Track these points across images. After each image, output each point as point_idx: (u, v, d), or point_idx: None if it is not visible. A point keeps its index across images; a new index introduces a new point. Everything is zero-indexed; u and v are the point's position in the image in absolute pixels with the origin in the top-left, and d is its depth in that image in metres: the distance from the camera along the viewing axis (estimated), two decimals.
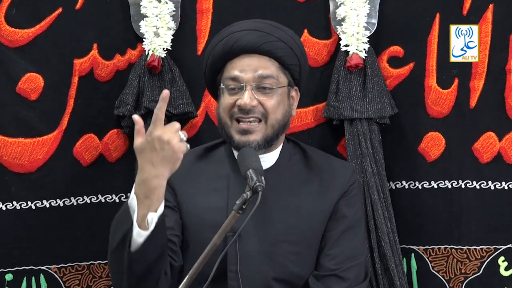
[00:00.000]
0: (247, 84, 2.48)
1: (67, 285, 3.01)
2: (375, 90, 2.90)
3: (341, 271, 2.49)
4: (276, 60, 2.51)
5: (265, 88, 2.49)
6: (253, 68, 2.49)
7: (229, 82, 2.51)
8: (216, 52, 2.53)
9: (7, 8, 2.93)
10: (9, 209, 2.95)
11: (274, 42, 2.50)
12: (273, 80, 2.50)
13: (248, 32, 2.51)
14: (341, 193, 2.55)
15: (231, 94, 2.50)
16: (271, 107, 2.49)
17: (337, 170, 2.60)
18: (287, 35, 2.55)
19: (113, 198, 3.00)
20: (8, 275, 2.97)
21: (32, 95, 2.95)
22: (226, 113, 2.51)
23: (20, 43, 2.94)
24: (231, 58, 2.51)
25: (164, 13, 2.94)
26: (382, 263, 2.87)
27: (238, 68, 2.49)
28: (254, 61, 2.49)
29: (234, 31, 2.52)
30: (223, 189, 2.52)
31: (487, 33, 2.90)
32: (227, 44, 2.50)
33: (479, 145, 2.93)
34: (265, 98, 2.49)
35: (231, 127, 2.51)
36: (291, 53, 2.53)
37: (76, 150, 2.97)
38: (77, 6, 2.96)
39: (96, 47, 2.96)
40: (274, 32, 2.52)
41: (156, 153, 2.21)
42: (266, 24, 2.55)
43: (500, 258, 2.93)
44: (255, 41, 2.49)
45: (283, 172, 2.56)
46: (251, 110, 2.47)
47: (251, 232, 2.46)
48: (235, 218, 2.24)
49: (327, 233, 2.53)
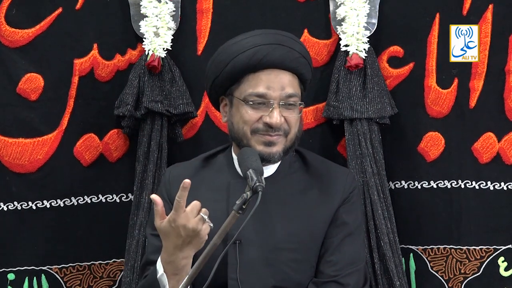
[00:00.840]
0: (275, 101, 2.49)
1: (68, 285, 3.01)
2: (375, 90, 2.90)
3: (341, 277, 2.50)
4: (298, 76, 2.54)
5: (290, 104, 2.51)
6: (281, 86, 2.50)
7: (254, 98, 2.50)
8: (239, 63, 2.50)
9: (7, 8, 2.93)
10: (10, 209, 2.96)
11: (299, 59, 2.53)
12: (296, 98, 2.53)
13: (277, 46, 2.50)
14: (341, 200, 2.56)
15: (255, 109, 2.50)
16: (294, 123, 2.53)
17: (337, 177, 2.61)
18: (305, 50, 2.59)
19: (114, 198, 3.00)
20: (10, 274, 2.98)
21: (32, 95, 2.95)
22: (248, 126, 2.50)
23: (20, 43, 2.94)
24: (255, 72, 2.50)
25: (164, 13, 2.93)
26: (381, 263, 2.88)
27: (265, 85, 2.49)
28: (281, 78, 2.50)
29: (258, 43, 2.50)
30: (223, 198, 2.53)
31: (487, 33, 2.89)
32: (255, 56, 2.48)
33: (479, 146, 2.93)
34: (289, 113, 2.51)
35: (252, 139, 2.51)
36: (309, 68, 2.58)
37: (77, 150, 2.98)
38: (77, 6, 2.96)
39: (96, 47, 2.96)
40: (296, 47, 2.54)
41: (183, 239, 2.28)
42: (289, 39, 2.55)
43: (499, 258, 2.92)
44: (285, 56, 2.50)
45: (284, 180, 2.57)
46: (279, 127, 2.50)
47: (251, 239, 2.47)
48: (235, 218, 2.24)
49: (327, 240, 2.54)
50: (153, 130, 2.93)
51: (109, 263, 3.02)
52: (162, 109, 2.91)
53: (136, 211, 2.91)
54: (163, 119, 2.93)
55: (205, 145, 2.94)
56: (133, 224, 2.91)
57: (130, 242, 2.90)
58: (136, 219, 2.90)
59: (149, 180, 2.90)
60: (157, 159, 2.92)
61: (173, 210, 2.26)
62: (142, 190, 2.91)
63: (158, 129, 2.92)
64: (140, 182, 2.92)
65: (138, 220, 2.89)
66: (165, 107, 2.92)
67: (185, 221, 2.25)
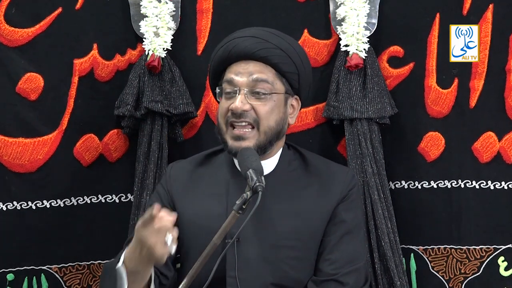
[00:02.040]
0: (241, 88, 2.50)
1: (68, 284, 3.01)
2: (375, 90, 2.90)
3: (340, 275, 2.49)
4: (272, 66, 2.52)
5: (259, 93, 2.50)
6: (248, 72, 2.51)
7: (225, 85, 2.53)
8: (217, 57, 2.57)
9: (6, 7, 2.93)
10: (9, 209, 2.96)
11: (271, 49, 2.52)
12: (268, 85, 2.51)
13: (246, 38, 2.53)
14: (340, 198, 2.55)
15: (227, 99, 2.53)
16: (264, 113, 2.50)
17: (336, 175, 2.61)
18: (285, 43, 2.56)
19: (113, 198, 3.00)
20: (10, 275, 2.97)
21: (32, 95, 2.95)
22: (222, 118, 2.53)
23: (19, 43, 2.94)
24: (230, 64, 2.53)
25: (164, 13, 2.94)
26: (382, 263, 2.88)
27: (234, 72, 2.52)
28: (250, 66, 2.51)
29: (234, 37, 2.56)
30: (222, 195, 2.53)
31: (487, 33, 2.90)
32: (226, 49, 2.54)
33: (479, 145, 2.93)
34: (259, 103, 2.50)
35: (226, 133, 2.52)
36: (288, 60, 2.54)
37: (76, 150, 2.98)
38: (77, 6, 2.96)
39: (96, 47, 2.96)
40: (271, 39, 2.54)
41: (140, 250, 2.25)
42: (265, 32, 2.57)
43: (499, 258, 2.93)
44: (252, 47, 2.51)
45: (282, 178, 2.57)
46: (243, 114, 2.49)
47: (250, 237, 2.47)
48: (235, 218, 2.25)
49: (325, 238, 2.54)
50: (153, 130, 2.93)
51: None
52: (162, 109, 2.91)
53: (137, 211, 2.91)
54: (163, 119, 2.93)
55: (205, 145, 2.93)
56: (133, 224, 2.89)
57: None
58: (137, 219, 2.88)
59: (150, 180, 2.90)
60: (158, 159, 2.92)
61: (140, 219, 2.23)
62: (142, 190, 2.91)
63: (158, 129, 2.93)
64: (140, 182, 2.92)
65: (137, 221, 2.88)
66: (165, 107, 2.92)
67: (147, 233, 2.20)
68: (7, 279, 2.97)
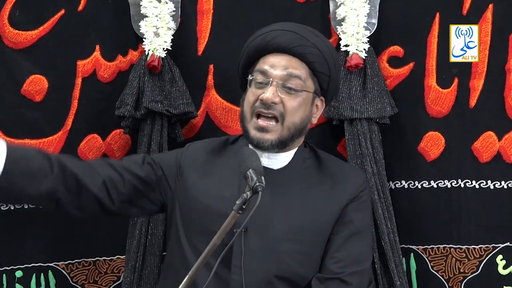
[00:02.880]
0: (274, 80, 2.52)
1: (74, 280, 3.07)
2: (375, 90, 2.90)
3: (345, 275, 2.52)
4: (307, 64, 2.55)
5: (290, 88, 2.53)
6: (283, 66, 2.53)
7: (257, 75, 2.55)
8: (253, 46, 2.58)
9: (10, 10, 2.96)
10: (17, 208, 3.01)
11: (308, 47, 2.55)
12: (300, 82, 2.54)
13: (286, 32, 2.56)
14: (350, 198, 2.58)
15: (257, 88, 2.55)
16: (291, 108, 2.53)
17: (349, 175, 2.64)
18: (323, 44, 2.59)
19: None
20: (18, 272, 3.03)
21: (36, 96, 2.99)
22: (249, 107, 2.55)
23: (24, 45, 2.97)
24: (265, 54, 2.55)
25: (164, 13, 2.95)
26: (382, 263, 2.89)
27: (269, 64, 2.54)
28: (286, 60, 2.54)
29: (273, 29, 2.58)
30: (235, 180, 2.54)
31: (487, 33, 2.88)
32: (263, 40, 2.55)
33: (479, 145, 2.92)
34: (288, 98, 2.53)
35: (250, 122, 2.54)
36: (322, 61, 2.57)
37: (80, 150, 3.01)
38: (79, 8, 2.98)
39: (99, 49, 2.99)
40: (310, 38, 2.57)
41: None
42: (305, 29, 2.60)
43: (498, 256, 2.93)
44: (290, 41, 2.54)
45: (295, 174, 2.60)
46: (272, 106, 2.51)
47: (257, 228, 2.49)
48: (235, 218, 2.25)
49: (333, 236, 2.56)
50: (153, 130, 2.95)
51: (113, 259, 3.06)
52: (162, 109, 2.93)
53: None
54: (163, 119, 2.96)
55: None
56: (133, 224, 2.94)
57: (131, 242, 2.93)
58: (137, 219, 2.93)
59: None
60: None
61: None
62: None
63: (158, 129, 2.95)
64: None
65: (138, 220, 2.92)
66: (165, 107, 2.94)
67: None
68: (16, 276, 3.03)
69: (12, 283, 3.03)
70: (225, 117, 3.00)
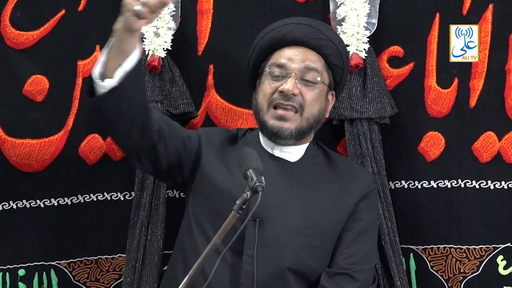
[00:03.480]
0: (293, 72, 2.55)
1: (76, 279, 3.09)
2: (375, 90, 2.90)
3: (353, 271, 2.55)
4: (323, 57, 2.59)
5: (308, 80, 2.56)
6: (301, 59, 2.57)
7: (274, 68, 2.57)
8: (267, 39, 2.61)
9: (11, 11, 2.97)
10: (19, 207, 3.03)
11: (324, 40, 2.59)
12: (317, 74, 2.57)
13: (301, 25, 2.60)
14: (361, 196, 2.61)
15: (275, 81, 2.57)
16: (310, 100, 2.56)
17: (359, 174, 2.68)
18: (337, 38, 2.65)
19: (118, 196, 3.05)
20: (21, 270, 3.06)
21: (38, 96, 3.00)
22: (266, 99, 2.57)
23: (25, 45, 2.99)
24: (280, 47, 2.58)
25: (164, 13, 2.94)
26: (382, 263, 2.89)
27: (286, 57, 2.57)
28: (304, 53, 2.58)
29: (287, 23, 2.61)
30: None
31: (487, 33, 2.87)
32: (279, 33, 2.58)
33: (479, 145, 2.92)
34: (306, 89, 2.56)
35: (267, 113, 2.57)
36: (338, 54, 2.61)
37: (81, 150, 3.02)
38: (80, 8, 2.99)
39: (99, 48, 2.99)
40: (325, 31, 2.61)
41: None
42: (319, 23, 2.64)
43: (499, 257, 2.93)
44: (306, 34, 2.57)
45: (307, 169, 2.63)
46: (291, 98, 2.54)
47: (272, 219, 2.51)
48: (234, 218, 2.25)
49: (344, 233, 2.59)
50: None
51: (115, 257, 3.08)
52: (162, 109, 2.94)
53: (137, 211, 2.94)
54: None
55: None
56: (133, 224, 2.95)
57: (131, 242, 2.94)
58: (137, 219, 2.94)
59: (150, 180, 2.93)
60: None
61: None
62: (142, 190, 2.94)
63: None
64: (140, 182, 2.95)
65: (138, 220, 2.93)
66: (165, 107, 2.94)
67: None
68: (19, 275, 3.06)
69: (14, 281, 3.05)
70: (225, 117, 3.00)
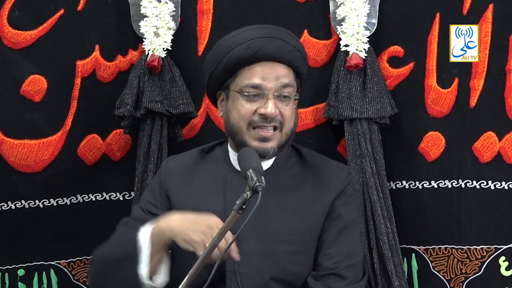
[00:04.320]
0: (270, 92, 2.50)
1: (76, 278, 3.09)
2: (375, 90, 2.89)
3: (340, 269, 2.51)
4: (293, 69, 2.54)
5: (285, 97, 2.52)
6: (275, 76, 2.50)
7: (249, 89, 2.50)
8: (234, 56, 2.51)
9: (9, 10, 2.96)
10: (18, 208, 3.03)
11: (293, 52, 2.53)
12: (292, 88, 2.53)
13: (270, 40, 2.51)
14: (337, 193, 2.57)
15: (251, 101, 2.50)
16: (288, 116, 2.53)
17: (333, 171, 2.62)
18: (299, 44, 2.60)
19: (117, 196, 3.05)
20: (20, 270, 3.06)
21: (36, 97, 2.99)
22: (244, 120, 2.51)
23: (23, 45, 2.98)
24: (250, 64, 2.50)
25: (164, 13, 2.94)
26: (381, 263, 2.89)
27: (260, 76, 2.50)
28: (276, 69, 2.51)
29: (253, 36, 2.51)
30: (220, 191, 2.55)
31: (487, 33, 2.87)
32: (249, 50, 2.49)
33: (479, 145, 2.91)
34: (284, 106, 2.52)
35: (247, 134, 2.52)
36: (304, 62, 2.58)
37: (80, 150, 3.02)
38: (79, 8, 2.98)
39: (98, 48, 2.99)
40: (291, 41, 2.55)
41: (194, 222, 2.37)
42: (283, 32, 2.56)
43: (500, 258, 2.92)
44: (278, 49, 2.50)
45: (280, 174, 2.59)
46: (273, 118, 2.50)
47: (249, 232, 2.47)
48: (235, 218, 2.25)
49: (324, 233, 2.55)
50: (153, 130, 2.95)
51: None
52: (162, 109, 2.93)
53: None
54: (163, 119, 2.96)
55: None
56: None
57: None
58: None
59: (150, 180, 2.92)
60: (157, 159, 2.95)
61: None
62: (142, 190, 2.93)
63: (158, 129, 2.95)
64: (140, 182, 2.95)
65: None
66: (165, 107, 2.94)
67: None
68: (18, 275, 3.06)
69: (14, 281, 3.06)
70: None
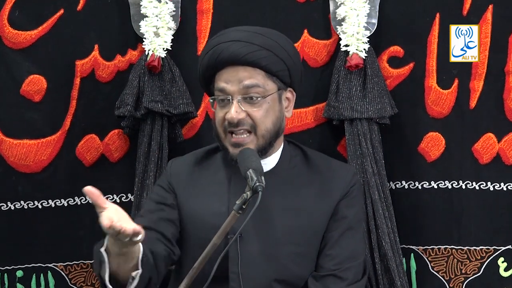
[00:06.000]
0: (233, 96, 2.48)
1: (73, 282, 3.07)
2: (375, 90, 2.90)
3: (340, 271, 2.50)
4: (261, 69, 2.48)
5: (252, 98, 2.47)
6: (238, 79, 2.47)
7: (218, 93, 2.51)
8: (204, 64, 2.53)
9: (10, 10, 2.96)
10: (17, 209, 3.02)
11: (257, 52, 2.47)
12: (260, 89, 2.48)
13: (231, 43, 2.47)
14: (342, 194, 2.55)
15: (221, 107, 2.50)
16: (260, 117, 2.48)
17: (338, 172, 2.60)
18: (271, 41, 2.50)
19: (114, 198, 3.03)
20: (19, 271, 3.05)
21: (36, 97, 2.99)
22: (220, 125, 2.52)
23: (23, 45, 2.98)
24: (218, 70, 2.50)
25: (164, 13, 2.94)
26: (382, 263, 2.88)
27: (223, 80, 2.49)
28: (239, 72, 2.47)
29: (219, 42, 2.50)
30: (224, 193, 2.54)
31: (487, 34, 2.88)
32: (212, 56, 2.49)
33: (479, 146, 2.91)
34: (253, 109, 2.48)
35: (225, 139, 2.51)
36: (275, 59, 2.49)
37: (78, 151, 3.01)
38: (78, 8, 2.98)
39: (97, 48, 2.99)
40: (256, 41, 2.48)
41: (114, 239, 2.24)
42: (249, 33, 2.51)
43: (499, 259, 2.92)
44: (238, 52, 2.46)
45: (284, 174, 2.57)
46: (240, 122, 2.47)
47: (252, 233, 2.48)
48: (235, 218, 2.25)
49: (327, 234, 2.54)
50: (153, 130, 2.95)
51: None
52: (162, 109, 2.93)
53: (137, 211, 2.90)
54: (163, 119, 2.95)
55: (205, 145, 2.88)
56: None
57: None
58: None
59: (150, 180, 2.92)
60: (158, 159, 2.94)
61: None
62: (142, 190, 2.93)
63: (158, 129, 2.95)
64: (140, 182, 2.94)
65: None
66: (165, 107, 2.93)
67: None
68: (17, 276, 3.05)
69: (13, 282, 3.04)
70: None
